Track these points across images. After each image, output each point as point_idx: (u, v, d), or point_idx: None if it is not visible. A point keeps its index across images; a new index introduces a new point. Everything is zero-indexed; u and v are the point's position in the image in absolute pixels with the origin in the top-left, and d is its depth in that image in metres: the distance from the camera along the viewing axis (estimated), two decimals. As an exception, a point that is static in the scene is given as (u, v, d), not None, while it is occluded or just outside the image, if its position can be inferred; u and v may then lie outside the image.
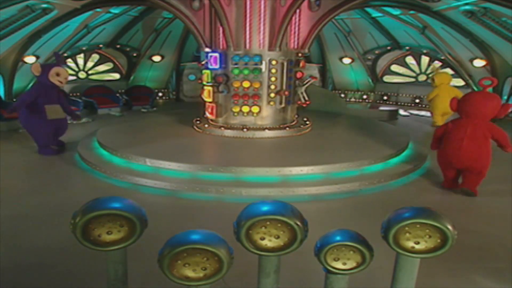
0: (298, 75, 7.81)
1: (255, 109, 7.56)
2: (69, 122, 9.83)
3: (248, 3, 7.08)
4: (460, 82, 13.14)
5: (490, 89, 5.26)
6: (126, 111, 12.00)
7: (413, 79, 14.31)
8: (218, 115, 7.83)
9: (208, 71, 7.61)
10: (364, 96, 14.74)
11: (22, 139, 7.34)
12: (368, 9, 11.67)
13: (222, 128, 7.63)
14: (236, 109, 7.60)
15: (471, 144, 5.08)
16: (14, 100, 10.29)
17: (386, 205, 4.90)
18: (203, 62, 7.85)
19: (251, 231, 1.86)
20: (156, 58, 13.95)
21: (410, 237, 1.90)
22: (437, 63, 12.99)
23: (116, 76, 14.06)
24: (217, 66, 7.51)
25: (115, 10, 10.57)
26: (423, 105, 13.61)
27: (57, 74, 6.76)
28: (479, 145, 5.08)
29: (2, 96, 9.88)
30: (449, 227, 1.85)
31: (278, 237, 1.88)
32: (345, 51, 14.32)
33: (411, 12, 10.58)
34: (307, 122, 8.19)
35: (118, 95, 12.51)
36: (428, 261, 2.14)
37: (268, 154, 6.65)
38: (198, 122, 8.12)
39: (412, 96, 13.87)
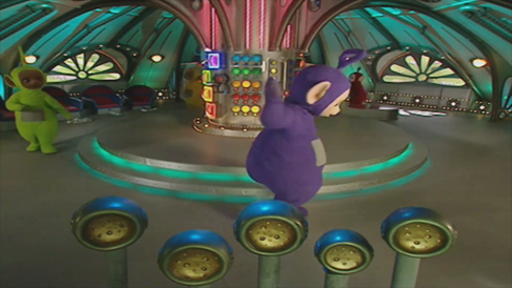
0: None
1: (255, 109, 7.55)
2: (68, 122, 9.90)
3: (248, 3, 7.07)
4: (460, 82, 13.15)
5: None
6: (126, 111, 12.00)
7: (413, 79, 14.32)
8: (218, 115, 7.83)
9: (208, 71, 7.61)
10: (364, 96, 14.74)
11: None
12: (368, 9, 11.67)
13: (222, 128, 7.63)
14: (236, 109, 7.60)
15: (361, 91, 12.09)
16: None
17: (386, 205, 4.92)
18: (203, 62, 7.85)
19: (251, 231, 1.86)
20: (156, 58, 13.95)
21: (410, 237, 1.90)
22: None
23: (116, 76, 14.06)
24: (217, 66, 7.50)
25: (115, 10, 10.57)
26: (424, 105, 13.62)
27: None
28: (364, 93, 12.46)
29: (2, 96, 9.88)
30: (449, 227, 1.84)
31: (278, 237, 1.88)
32: (345, 51, 14.30)
33: (411, 12, 10.59)
34: (307, 122, 8.17)
35: (118, 95, 12.51)
36: (428, 261, 2.14)
37: (268, 154, 6.63)
38: (198, 122, 8.13)
39: (412, 96, 13.88)
